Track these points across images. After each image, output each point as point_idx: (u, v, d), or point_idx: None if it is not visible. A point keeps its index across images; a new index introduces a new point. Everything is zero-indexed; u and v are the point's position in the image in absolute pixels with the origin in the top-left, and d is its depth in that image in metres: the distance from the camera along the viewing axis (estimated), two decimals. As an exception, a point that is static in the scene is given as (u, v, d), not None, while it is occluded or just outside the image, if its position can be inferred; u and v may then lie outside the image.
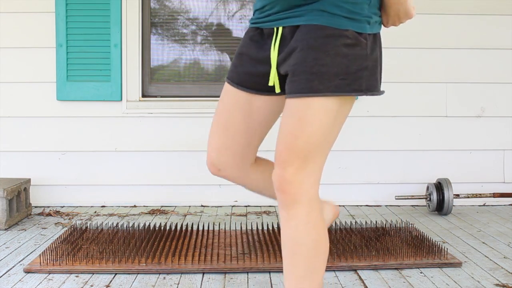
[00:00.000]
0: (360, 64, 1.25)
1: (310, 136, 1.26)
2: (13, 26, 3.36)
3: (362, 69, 1.24)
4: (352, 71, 1.24)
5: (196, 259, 2.24)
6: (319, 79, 1.22)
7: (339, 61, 1.23)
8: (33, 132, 3.40)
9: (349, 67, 1.24)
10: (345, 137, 3.47)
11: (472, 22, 3.46)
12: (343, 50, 1.23)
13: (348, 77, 1.24)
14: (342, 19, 1.24)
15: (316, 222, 1.31)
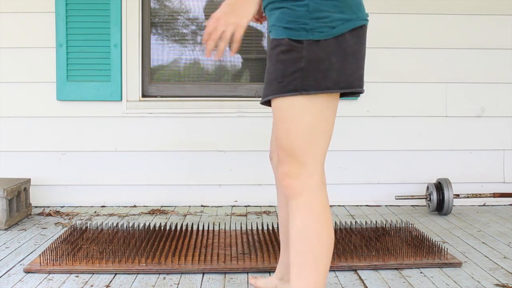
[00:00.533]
0: (294, 67, 1.38)
1: (288, 134, 1.40)
2: (13, 26, 3.36)
3: (296, 71, 1.38)
4: (288, 74, 1.39)
5: (196, 259, 2.24)
6: (267, 85, 1.44)
7: (278, 67, 1.40)
8: (33, 132, 3.40)
9: (284, 71, 1.39)
10: (345, 137, 3.47)
11: (472, 22, 3.46)
12: (280, 57, 1.40)
13: (284, 79, 1.39)
14: (280, 30, 1.40)
15: (319, 212, 1.41)
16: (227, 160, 3.45)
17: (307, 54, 1.38)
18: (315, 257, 1.40)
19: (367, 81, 3.45)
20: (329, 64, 1.39)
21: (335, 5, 1.39)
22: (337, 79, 1.39)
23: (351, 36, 1.41)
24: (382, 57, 3.45)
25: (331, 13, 1.38)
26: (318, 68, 1.38)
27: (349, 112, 3.47)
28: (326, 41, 1.38)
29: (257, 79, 3.55)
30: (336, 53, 1.39)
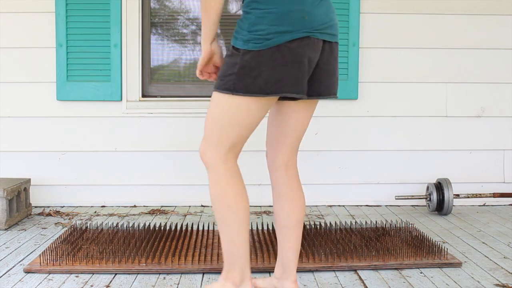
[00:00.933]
0: (231, 70, 1.62)
1: (211, 120, 1.70)
2: (13, 26, 3.36)
3: (231, 73, 1.62)
4: (226, 75, 1.64)
5: (196, 259, 2.24)
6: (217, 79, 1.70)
7: (223, 67, 1.67)
8: (33, 132, 3.40)
9: (225, 72, 1.65)
10: (345, 137, 3.47)
11: (472, 22, 3.46)
12: (226, 59, 1.67)
13: (224, 78, 1.64)
14: (232, 37, 1.69)
15: (221, 181, 1.72)
16: (227, 160, 3.45)
17: (240, 61, 1.61)
18: (222, 217, 1.70)
19: (367, 81, 3.45)
20: (258, 72, 1.59)
21: (274, 19, 1.58)
22: (263, 86, 1.59)
23: (287, 47, 1.59)
24: (382, 57, 3.45)
25: (269, 26, 1.58)
26: (249, 74, 1.60)
27: (349, 112, 3.47)
28: (259, 51, 1.59)
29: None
30: (267, 63, 1.59)
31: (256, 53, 1.59)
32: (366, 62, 3.45)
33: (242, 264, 1.72)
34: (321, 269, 2.18)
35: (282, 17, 1.58)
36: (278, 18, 1.58)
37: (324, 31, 1.65)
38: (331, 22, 1.68)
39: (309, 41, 1.61)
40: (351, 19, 3.39)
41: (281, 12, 1.58)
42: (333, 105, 3.46)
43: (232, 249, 1.71)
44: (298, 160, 3.64)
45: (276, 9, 1.58)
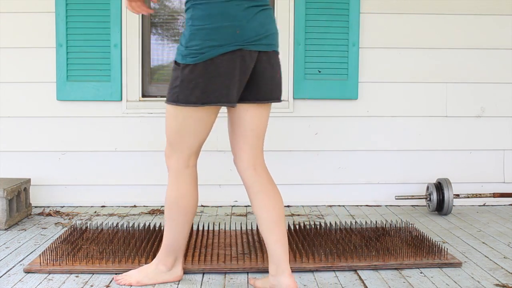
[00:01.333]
0: (175, 83, 1.80)
1: (167, 128, 1.88)
2: (13, 26, 3.36)
3: (176, 86, 1.79)
4: (172, 87, 1.81)
5: (196, 259, 2.24)
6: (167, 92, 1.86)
7: (170, 80, 1.84)
8: (33, 132, 3.40)
9: (171, 84, 1.82)
10: (345, 137, 3.48)
11: (472, 22, 3.46)
12: (172, 73, 1.83)
13: (171, 91, 1.82)
14: (175, 53, 1.82)
15: (181, 186, 1.89)
16: (227, 160, 3.45)
17: (181, 75, 1.77)
18: (171, 217, 1.92)
19: (367, 81, 3.45)
20: (195, 84, 1.75)
21: (206, 34, 1.73)
22: (200, 96, 1.76)
23: (220, 60, 1.74)
24: (383, 57, 3.45)
25: (202, 41, 1.73)
26: (187, 86, 1.76)
27: (349, 112, 3.47)
28: (196, 65, 1.74)
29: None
30: (202, 75, 1.74)
31: (193, 67, 1.75)
32: (366, 62, 3.45)
33: (177, 255, 2.01)
34: (321, 269, 2.18)
35: (214, 32, 1.73)
36: (210, 33, 1.73)
37: (259, 42, 1.79)
38: (266, 32, 1.81)
39: (241, 53, 1.75)
40: (351, 19, 3.39)
41: (213, 27, 1.73)
42: (333, 105, 3.46)
43: (173, 243, 1.96)
44: (298, 159, 3.66)
45: (209, 25, 1.73)
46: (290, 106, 3.43)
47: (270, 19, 1.84)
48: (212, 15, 1.73)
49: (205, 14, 1.74)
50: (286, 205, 3.47)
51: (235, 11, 1.75)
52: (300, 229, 2.66)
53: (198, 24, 1.74)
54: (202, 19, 1.74)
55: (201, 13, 1.74)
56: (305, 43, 3.39)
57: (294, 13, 3.38)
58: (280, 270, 1.84)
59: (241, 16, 1.75)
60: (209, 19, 1.73)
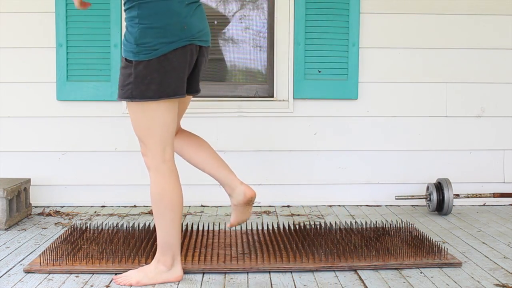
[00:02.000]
0: (128, 80, 1.86)
1: (134, 127, 1.97)
2: (13, 26, 3.36)
3: (129, 83, 1.85)
4: (124, 85, 1.87)
5: (196, 259, 2.24)
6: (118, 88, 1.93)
7: (120, 78, 1.91)
8: (33, 132, 3.40)
9: (123, 82, 1.88)
10: (345, 137, 3.48)
11: (472, 22, 3.46)
12: (121, 71, 1.91)
13: (123, 88, 1.88)
14: (123, 50, 1.88)
15: (161, 181, 1.94)
16: (227, 160, 3.43)
17: (134, 71, 1.84)
18: (159, 213, 1.96)
19: (367, 81, 3.45)
20: (151, 79, 1.83)
21: (157, 32, 1.82)
22: (157, 90, 1.85)
23: (173, 55, 1.85)
24: (382, 57, 3.45)
25: (154, 38, 1.81)
26: (142, 82, 1.83)
27: (349, 112, 3.47)
28: (149, 61, 1.82)
29: (257, 79, 3.55)
30: (157, 70, 1.83)
31: (147, 63, 1.83)
32: (366, 62, 3.45)
33: (174, 251, 2.01)
34: (321, 269, 2.18)
35: (164, 30, 1.83)
36: (161, 31, 1.83)
37: (201, 38, 1.94)
38: (205, 29, 1.98)
39: (190, 48, 1.90)
40: (351, 19, 3.39)
41: (163, 25, 1.83)
42: (333, 105, 3.46)
43: (167, 240, 1.99)
44: (298, 159, 3.67)
45: (158, 23, 1.83)
46: (290, 106, 3.43)
47: (204, 15, 2.01)
48: (159, 13, 1.83)
49: (152, 12, 1.82)
50: (286, 205, 3.47)
51: (178, 7, 1.86)
52: (300, 229, 2.66)
53: (147, 22, 1.82)
54: (150, 18, 1.82)
55: (148, 11, 1.82)
56: (305, 43, 3.39)
57: (294, 13, 3.38)
58: (234, 185, 2.13)
59: (185, 12, 1.87)
60: (157, 17, 1.83)
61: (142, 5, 1.82)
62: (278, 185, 3.49)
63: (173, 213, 1.98)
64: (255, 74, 3.57)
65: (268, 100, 3.46)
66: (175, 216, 1.98)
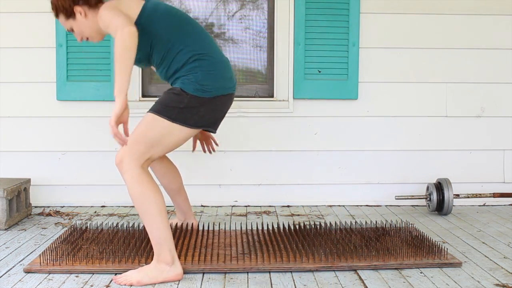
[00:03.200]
0: (176, 104, 2.12)
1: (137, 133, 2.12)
2: (13, 26, 3.36)
3: (176, 107, 2.12)
4: (170, 106, 2.12)
5: (196, 259, 2.24)
6: (155, 104, 2.17)
7: (166, 98, 2.16)
8: (33, 132, 3.40)
9: (169, 103, 2.13)
10: (345, 137, 3.48)
11: (472, 22, 3.46)
12: (171, 95, 2.16)
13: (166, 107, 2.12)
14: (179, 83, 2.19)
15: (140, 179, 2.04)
16: (227, 160, 3.45)
17: (187, 101, 2.13)
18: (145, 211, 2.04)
19: (367, 81, 3.45)
20: (197, 111, 2.15)
21: (214, 78, 2.18)
22: (197, 121, 2.17)
23: (221, 99, 2.21)
24: (382, 57, 3.46)
25: (212, 82, 2.17)
26: (190, 111, 2.14)
27: (349, 112, 3.47)
28: (203, 98, 2.15)
29: (257, 79, 3.55)
30: (205, 106, 2.16)
31: (201, 99, 2.14)
32: (366, 62, 3.45)
33: (170, 246, 2.06)
34: (321, 269, 2.18)
35: (220, 77, 2.21)
36: (218, 78, 2.20)
37: (235, 88, 2.32)
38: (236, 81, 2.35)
39: (232, 96, 2.30)
40: (351, 19, 3.39)
41: (219, 73, 2.21)
42: (333, 105, 3.46)
43: (159, 234, 2.04)
44: (298, 159, 3.67)
45: (215, 71, 2.19)
46: (290, 106, 3.43)
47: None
48: (216, 64, 2.21)
49: (212, 63, 2.19)
50: (286, 205, 3.48)
51: (226, 63, 2.27)
52: (300, 229, 2.66)
53: (209, 70, 2.17)
54: (211, 67, 2.18)
55: (209, 62, 2.18)
56: (305, 43, 3.39)
57: (294, 13, 3.38)
58: (188, 216, 2.74)
59: (230, 67, 2.29)
60: (216, 67, 2.20)
61: (203, 58, 2.17)
62: (278, 185, 3.49)
63: (158, 207, 2.05)
64: (255, 74, 3.57)
65: (268, 100, 3.46)
66: (160, 209, 2.05)
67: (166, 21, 2.19)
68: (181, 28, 2.21)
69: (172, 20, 2.21)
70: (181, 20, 2.23)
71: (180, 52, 2.18)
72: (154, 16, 2.18)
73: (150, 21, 2.17)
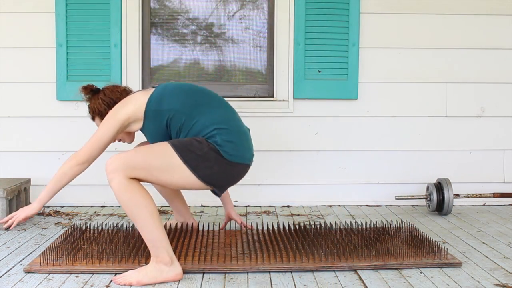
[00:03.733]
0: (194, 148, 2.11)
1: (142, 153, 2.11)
2: (13, 26, 3.36)
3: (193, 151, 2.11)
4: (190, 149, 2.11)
5: (196, 259, 2.24)
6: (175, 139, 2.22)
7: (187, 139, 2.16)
8: (33, 132, 3.40)
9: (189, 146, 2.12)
10: (345, 137, 3.48)
11: (472, 22, 3.46)
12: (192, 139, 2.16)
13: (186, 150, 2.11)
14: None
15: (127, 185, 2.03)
16: (227, 160, 3.45)
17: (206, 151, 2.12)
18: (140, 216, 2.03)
19: (367, 81, 3.45)
20: (210, 166, 2.13)
21: (233, 146, 2.17)
22: (206, 176, 2.14)
23: (236, 166, 2.19)
24: (382, 57, 3.46)
25: (230, 149, 2.16)
26: (203, 162, 2.11)
27: (349, 112, 3.47)
28: (221, 157, 2.14)
29: (257, 79, 3.55)
30: (220, 166, 2.14)
31: (219, 156, 2.14)
32: (366, 62, 3.45)
33: (166, 246, 2.05)
34: (321, 269, 2.17)
35: (241, 147, 2.22)
36: (238, 147, 2.21)
37: (251, 160, 2.32)
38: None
39: (248, 167, 2.29)
40: (351, 19, 3.39)
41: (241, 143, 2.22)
42: (333, 105, 3.46)
43: (153, 236, 2.04)
44: (298, 159, 3.67)
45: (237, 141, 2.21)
46: (290, 106, 3.43)
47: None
48: (235, 133, 2.22)
49: (230, 133, 2.20)
50: (286, 205, 3.48)
51: (246, 133, 2.30)
52: (300, 229, 2.66)
53: (228, 139, 2.18)
54: (230, 136, 2.19)
55: (227, 132, 2.19)
56: (305, 43, 3.39)
57: (294, 13, 3.38)
58: (187, 218, 2.78)
59: (249, 137, 2.34)
60: (235, 136, 2.21)
61: (221, 131, 2.18)
62: (278, 185, 3.49)
63: (149, 210, 2.03)
64: (255, 74, 3.57)
65: (268, 100, 3.46)
66: (152, 212, 2.04)
67: (178, 94, 2.23)
68: (194, 99, 2.23)
69: (184, 93, 2.24)
70: (194, 91, 2.27)
71: (196, 123, 2.20)
72: (164, 94, 2.23)
73: (161, 100, 2.22)
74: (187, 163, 2.09)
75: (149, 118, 2.24)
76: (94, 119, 2.49)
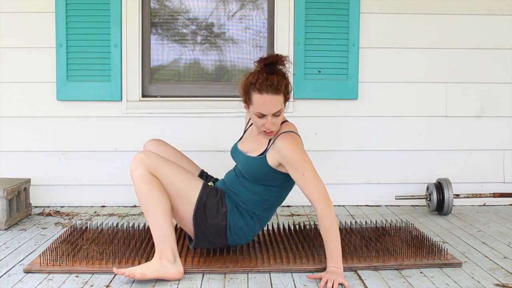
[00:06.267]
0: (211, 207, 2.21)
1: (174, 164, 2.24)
2: (13, 26, 3.36)
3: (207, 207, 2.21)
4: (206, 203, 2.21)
5: (196, 259, 2.24)
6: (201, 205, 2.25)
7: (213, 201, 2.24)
8: (33, 132, 3.40)
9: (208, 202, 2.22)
10: (345, 137, 3.47)
11: (472, 22, 3.46)
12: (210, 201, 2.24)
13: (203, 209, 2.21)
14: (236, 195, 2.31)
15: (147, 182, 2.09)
16: (227, 160, 3.44)
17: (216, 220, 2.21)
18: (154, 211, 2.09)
19: (367, 81, 3.45)
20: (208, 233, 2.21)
21: (242, 238, 2.27)
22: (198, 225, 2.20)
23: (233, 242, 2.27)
24: (382, 57, 3.45)
25: (239, 240, 2.27)
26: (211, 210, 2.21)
27: (349, 112, 3.47)
28: (223, 239, 2.23)
29: (257, 79, 3.55)
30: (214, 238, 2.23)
31: (222, 237, 2.24)
32: (366, 62, 3.45)
33: (172, 244, 2.09)
34: (321, 270, 2.17)
35: (246, 240, 2.30)
36: (245, 240, 2.30)
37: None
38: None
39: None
40: (351, 19, 3.39)
41: (250, 237, 2.30)
42: (333, 105, 3.46)
43: (162, 232, 2.08)
44: (298, 160, 3.60)
45: (252, 232, 2.30)
46: (290, 106, 3.43)
47: None
48: (258, 224, 2.30)
49: (256, 229, 2.29)
50: (286, 205, 3.47)
51: (259, 226, 2.33)
52: (300, 229, 2.65)
53: (248, 231, 2.28)
54: (251, 230, 2.29)
55: (260, 222, 2.30)
56: (305, 43, 3.39)
57: (294, 13, 3.38)
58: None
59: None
60: (257, 227, 2.30)
61: (258, 220, 2.29)
62: (278, 185, 3.48)
63: (163, 206, 2.10)
64: (255, 74, 3.56)
65: (268, 100, 3.46)
66: (165, 209, 2.10)
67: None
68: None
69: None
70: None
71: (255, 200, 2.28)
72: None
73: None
74: (197, 204, 2.17)
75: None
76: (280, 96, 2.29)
